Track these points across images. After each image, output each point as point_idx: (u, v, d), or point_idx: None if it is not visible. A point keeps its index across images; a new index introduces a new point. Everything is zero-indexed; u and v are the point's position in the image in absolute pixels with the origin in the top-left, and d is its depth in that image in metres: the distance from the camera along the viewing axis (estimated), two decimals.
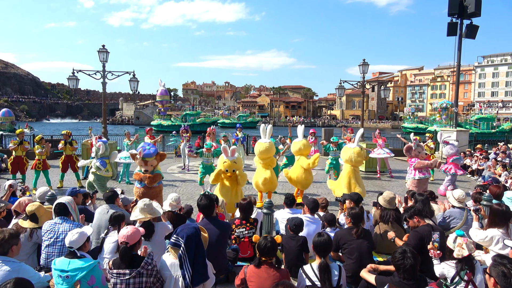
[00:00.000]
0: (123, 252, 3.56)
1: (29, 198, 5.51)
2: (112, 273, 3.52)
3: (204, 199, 4.74)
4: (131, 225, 4.05)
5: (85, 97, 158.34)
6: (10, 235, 3.52)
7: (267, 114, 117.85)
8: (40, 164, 10.42)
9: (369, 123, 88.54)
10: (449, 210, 5.89)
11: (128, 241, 3.61)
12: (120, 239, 3.64)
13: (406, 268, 3.36)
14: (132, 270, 3.47)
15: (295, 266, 4.33)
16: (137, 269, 3.47)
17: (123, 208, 5.76)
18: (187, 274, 3.58)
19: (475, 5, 17.16)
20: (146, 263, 3.52)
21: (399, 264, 3.41)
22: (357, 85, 19.36)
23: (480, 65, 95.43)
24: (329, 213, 5.81)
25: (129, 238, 3.62)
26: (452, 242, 3.72)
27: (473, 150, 16.51)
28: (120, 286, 3.47)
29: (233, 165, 7.07)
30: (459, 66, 19.02)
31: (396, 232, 5.25)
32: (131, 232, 3.68)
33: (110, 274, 3.54)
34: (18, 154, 10.79)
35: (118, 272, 3.49)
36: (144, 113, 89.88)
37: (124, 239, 3.61)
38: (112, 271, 3.52)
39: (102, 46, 14.92)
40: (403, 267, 3.37)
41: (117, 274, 3.49)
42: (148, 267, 3.52)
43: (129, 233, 3.65)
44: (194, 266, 3.65)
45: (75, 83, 15.13)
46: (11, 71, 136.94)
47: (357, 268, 4.36)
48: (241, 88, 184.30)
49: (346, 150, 8.42)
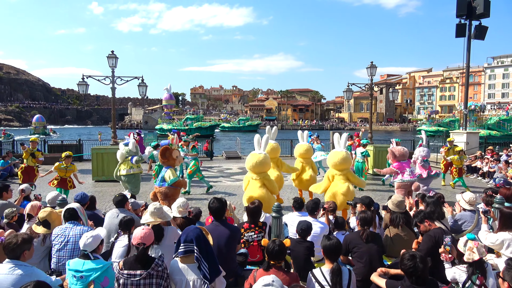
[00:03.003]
0: (141, 253, 3.57)
1: (39, 203, 5.59)
2: (122, 274, 3.53)
3: (216, 202, 4.75)
4: (145, 226, 4.04)
5: (95, 102, 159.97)
6: (23, 240, 3.56)
7: (275, 118, 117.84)
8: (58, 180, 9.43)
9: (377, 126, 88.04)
10: (460, 213, 5.82)
11: (145, 242, 3.63)
12: (137, 240, 3.64)
13: (414, 274, 3.31)
14: (143, 271, 3.49)
15: (304, 270, 4.31)
16: (147, 270, 3.49)
17: (133, 212, 5.80)
18: (205, 271, 3.58)
19: (483, 6, 17.03)
20: (156, 265, 3.52)
21: (407, 269, 3.36)
22: (365, 88, 19.28)
23: (489, 66, 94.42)
24: (339, 217, 5.79)
25: (145, 239, 3.65)
26: (463, 245, 3.67)
27: (484, 152, 16.32)
28: (130, 287, 3.49)
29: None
30: (468, 67, 18.87)
31: (407, 236, 5.21)
32: (147, 232, 3.70)
33: (120, 274, 3.56)
34: (30, 164, 10.38)
35: (129, 273, 3.51)
36: (152, 118, 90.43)
37: (140, 240, 3.62)
38: (122, 272, 3.54)
39: (111, 52, 15.09)
40: (412, 273, 3.32)
41: (128, 274, 3.50)
42: (158, 269, 3.53)
43: (145, 234, 3.67)
44: (208, 262, 3.65)
45: (84, 89, 15.32)
46: (23, 78, 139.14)
47: (367, 272, 4.32)
48: (249, 91, 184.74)
49: (332, 155, 7.94)
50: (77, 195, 5.80)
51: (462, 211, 5.85)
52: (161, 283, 3.54)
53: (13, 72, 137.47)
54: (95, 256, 3.70)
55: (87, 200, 5.87)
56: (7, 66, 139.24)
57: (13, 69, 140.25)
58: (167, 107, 59.95)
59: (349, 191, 7.39)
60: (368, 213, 4.88)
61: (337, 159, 7.71)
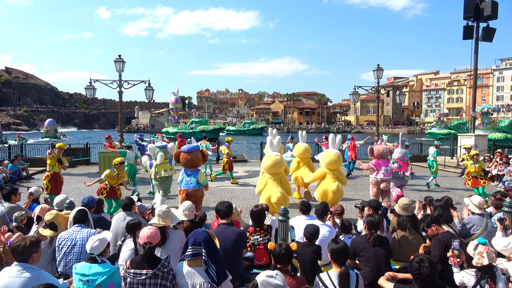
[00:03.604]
0: (148, 253, 3.60)
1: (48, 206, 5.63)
2: (129, 273, 3.55)
3: (223, 205, 4.78)
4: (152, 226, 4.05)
5: (102, 106, 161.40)
6: (31, 242, 3.59)
7: (281, 121, 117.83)
8: (106, 190, 8.56)
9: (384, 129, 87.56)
10: (468, 217, 5.76)
11: (152, 241, 3.66)
12: (143, 239, 3.67)
13: (423, 278, 3.27)
14: (148, 271, 3.51)
15: (310, 275, 4.29)
16: (153, 270, 3.50)
17: (140, 215, 5.82)
18: (213, 275, 3.57)
19: (491, 8, 16.88)
20: (162, 265, 3.54)
21: (416, 273, 3.32)
22: (371, 91, 19.21)
23: (498, 68, 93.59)
24: (345, 220, 5.75)
25: (151, 238, 3.67)
26: (473, 249, 3.63)
27: (493, 155, 16.14)
28: (136, 286, 3.51)
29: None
30: (476, 69, 18.70)
31: (414, 239, 5.16)
32: (153, 232, 3.73)
33: (126, 273, 3.58)
34: (56, 170, 9.57)
35: (135, 272, 3.53)
36: (159, 121, 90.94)
37: (147, 239, 3.65)
38: (129, 271, 3.56)
39: (119, 56, 15.22)
40: (421, 276, 3.28)
41: (134, 274, 3.53)
42: (164, 270, 3.54)
43: (151, 233, 3.70)
44: (216, 266, 3.64)
45: (92, 93, 15.46)
46: (31, 82, 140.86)
47: (374, 276, 4.29)
48: (255, 95, 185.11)
49: (326, 155, 8.69)
50: (84, 198, 5.82)
51: (470, 215, 5.79)
52: (166, 285, 3.54)
53: (22, 77, 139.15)
54: (101, 259, 3.71)
55: (94, 203, 5.90)
56: (16, 71, 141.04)
57: (22, 74, 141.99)
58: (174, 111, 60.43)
59: (338, 189, 8.22)
60: (376, 217, 4.84)
61: (329, 159, 8.48)
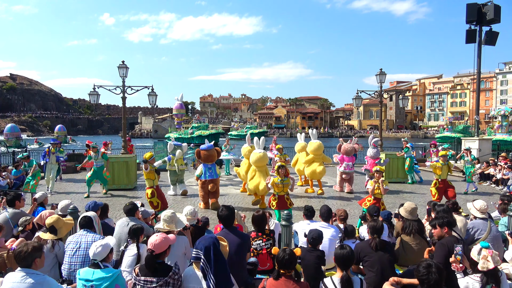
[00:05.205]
0: (147, 260, 3.61)
1: (50, 211, 5.66)
2: (139, 280, 3.56)
3: (225, 210, 4.75)
4: (161, 233, 4.01)
5: (106, 112, 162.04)
6: (34, 248, 3.60)
7: (284, 126, 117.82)
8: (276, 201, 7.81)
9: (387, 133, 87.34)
10: (472, 222, 5.72)
11: (154, 249, 3.66)
12: (148, 246, 3.71)
13: (431, 284, 3.22)
14: (160, 279, 3.51)
15: (314, 280, 4.27)
16: (165, 278, 3.51)
17: (143, 221, 5.82)
18: (211, 284, 3.57)
19: (494, 12, 16.90)
20: (174, 273, 3.56)
21: (424, 278, 3.27)
22: (374, 95, 19.18)
23: (501, 72, 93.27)
24: (349, 225, 5.73)
25: (155, 246, 3.68)
26: (477, 254, 3.59)
27: (497, 159, 16.06)
28: None
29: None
30: (479, 73, 18.67)
31: (419, 244, 5.13)
32: (159, 240, 3.72)
33: (136, 281, 3.58)
34: (156, 183, 9.17)
35: (146, 280, 3.53)
36: (162, 126, 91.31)
37: (151, 246, 3.67)
38: (139, 278, 3.57)
39: (122, 62, 15.29)
40: (428, 282, 3.24)
41: (144, 281, 3.53)
42: (175, 277, 3.56)
43: (157, 242, 3.70)
44: (216, 275, 3.63)
45: (96, 98, 15.50)
46: (35, 88, 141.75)
47: (379, 281, 4.26)
48: (258, 100, 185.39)
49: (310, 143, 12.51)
50: (88, 204, 5.82)
51: (473, 220, 5.75)
52: None
53: (26, 83, 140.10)
54: (104, 265, 3.72)
55: (97, 209, 5.89)
56: (20, 77, 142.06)
57: (26, 80, 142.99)
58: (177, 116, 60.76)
59: (324, 170, 12.03)
60: (379, 222, 4.82)
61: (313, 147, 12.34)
